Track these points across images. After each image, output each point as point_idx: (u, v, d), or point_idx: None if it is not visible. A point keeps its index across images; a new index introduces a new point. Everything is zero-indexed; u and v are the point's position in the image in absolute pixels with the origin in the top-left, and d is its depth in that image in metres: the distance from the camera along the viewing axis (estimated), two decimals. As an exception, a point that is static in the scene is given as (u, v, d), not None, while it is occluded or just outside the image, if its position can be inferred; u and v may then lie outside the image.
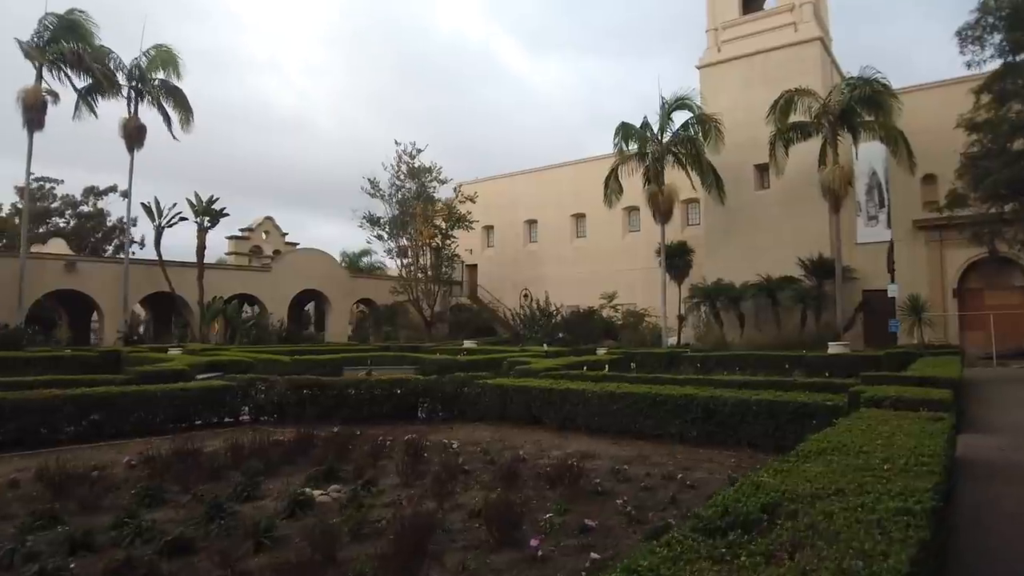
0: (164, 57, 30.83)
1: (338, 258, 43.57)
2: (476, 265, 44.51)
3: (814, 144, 25.23)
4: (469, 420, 12.28)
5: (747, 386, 10.86)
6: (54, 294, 30.24)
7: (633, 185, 29.66)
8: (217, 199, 31.41)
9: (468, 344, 29.61)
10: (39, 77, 27.84)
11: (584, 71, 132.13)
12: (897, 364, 15.70)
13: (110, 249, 48.41)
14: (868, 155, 25.75)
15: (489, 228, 43.82)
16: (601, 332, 31.27)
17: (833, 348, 19.75)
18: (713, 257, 29.98)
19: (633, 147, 28.37)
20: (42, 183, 46.81)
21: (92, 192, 50.85)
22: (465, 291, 44.48)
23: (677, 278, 30.22)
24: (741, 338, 26.76)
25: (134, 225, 34.15)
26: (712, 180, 27.58)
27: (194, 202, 31.05)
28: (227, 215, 32.17)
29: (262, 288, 35.47)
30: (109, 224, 49.80)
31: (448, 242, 37.62)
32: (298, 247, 41.48)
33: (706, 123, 26.75)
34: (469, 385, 12.74)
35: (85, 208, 50.30)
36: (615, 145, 28.34)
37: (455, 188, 37.19)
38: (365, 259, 51.57)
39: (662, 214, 27.31)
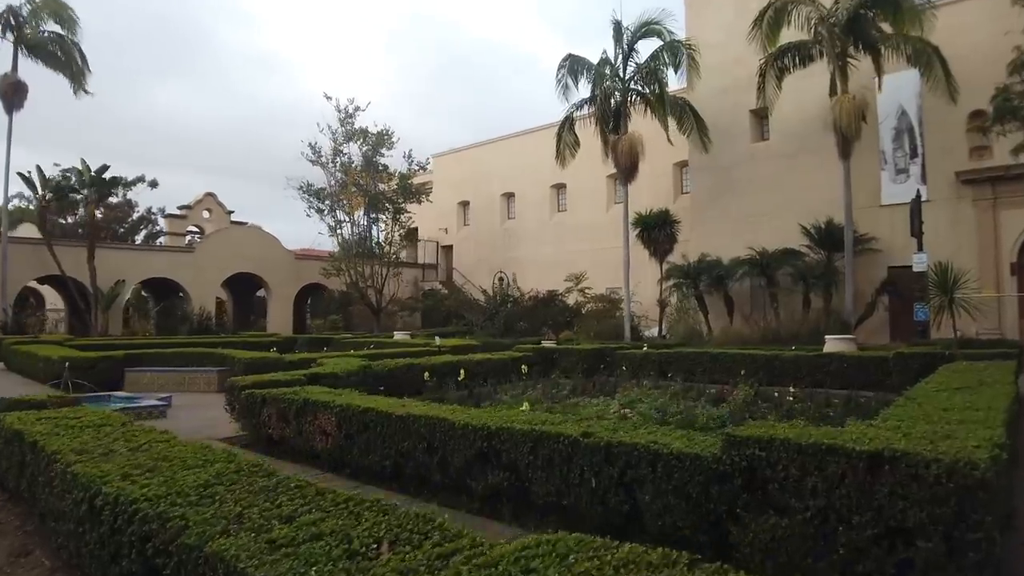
0: (52, 7, 26.23)
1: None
2: (451, 246, 39.40)
3: (822, 79, 19.11)
4: None
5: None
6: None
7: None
8: (108, 167, 26.66)
9: (398, 336, 24.58)
10: None
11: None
12: (914, 371, 9.96)
13: (139, 239, 44.91)
14: (896, 89, 19.51)
15: (465, 204, 38.66)
16: (564, 320, 25.70)
17: (831, 344, 13.92)
18: (699, 228, 24.07)
19: (584, 88, 22.48)
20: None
21: (121, 183, 48.30)
22: (443, 274, 39.44)
23: (659, 255, 24.35)
24: (730, 328, 20.79)
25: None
26: (692, 124, 21.60)
27: (81, 170, 26.34)
28: (116, 186, 27.35)
29: (184, 272, 30.76)
30: (136, 215, 46.74)
31: (402, 217, 32.34)
32: (231, 225, 36.73)
33: (677, 51, 20.75)
34: None
35: (114, 199, 48.45)
36: (558, 82, 22.44)
37: (405, 154, 31.76)
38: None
39: (623, 169, 21.48)
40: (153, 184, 50.65)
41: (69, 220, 45.39)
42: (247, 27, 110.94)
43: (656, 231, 24.07)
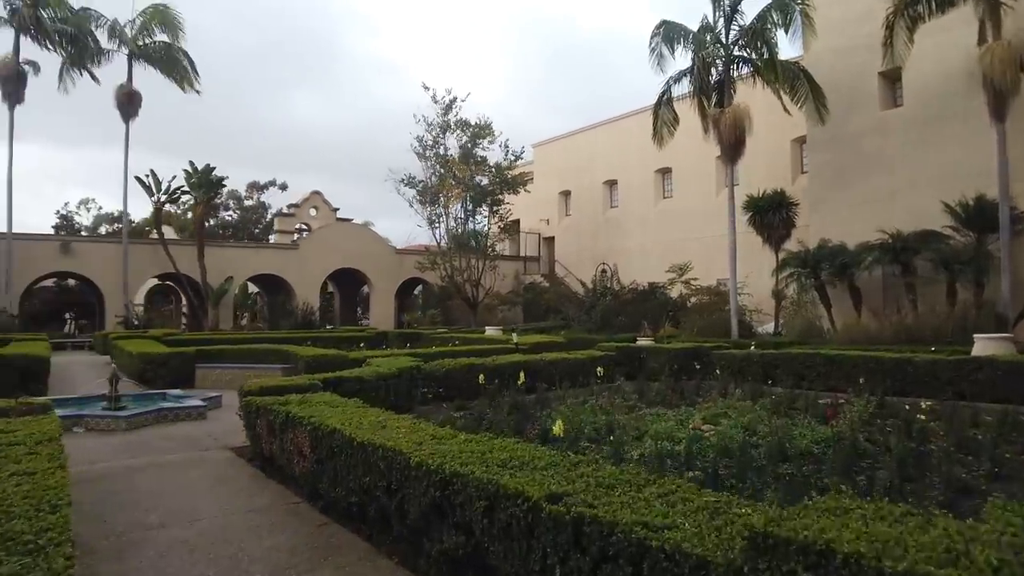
0: (160, 16, 27.42)
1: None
2: (553, 238, 38.07)
3: (966, 31, 15.92)
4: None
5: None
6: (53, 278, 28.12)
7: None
8: (215, 168, 27.53)
9: (490, 331, 23.60)
10: (16, 48, 25.34)
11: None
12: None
13: (273, 239, 48.22)
14: (1070, 32, 15.88)
15: (566, 194, 37.17)
16: (666, 314, 23.63)
17: (981, 345, 11.26)
18: (819, 210, 21.16)
19: (682, 58, 20.21)
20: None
21: (254, 187, 54.06)
22: (544, 267, 38.27)
23: (773, 242, 21.73)
24: (857, 324, 17.95)
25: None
26: (807, 92, 18.85)
27: (190, 171, 27.37)
28: (224, 185, 28.32)
29: (289, 268, 31.47)
30: (269, 216, 50.31)
31: (500, 208, 31.37)
32: (333, 221, 37.27)
33: (788, 8, 18.09)
34: None
35: (249, 202, 52.89)
36: (651, 51, 20.22)
37: (502, 144, 30.66)
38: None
39: (727, 147, 19.09)
40: (283, 187, 53.76)
41: (211, 222, 48.65)
42: (370, 35, 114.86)
43: (770, 215, 21.46)
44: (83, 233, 45.16)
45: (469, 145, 29.81)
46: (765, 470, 6.03)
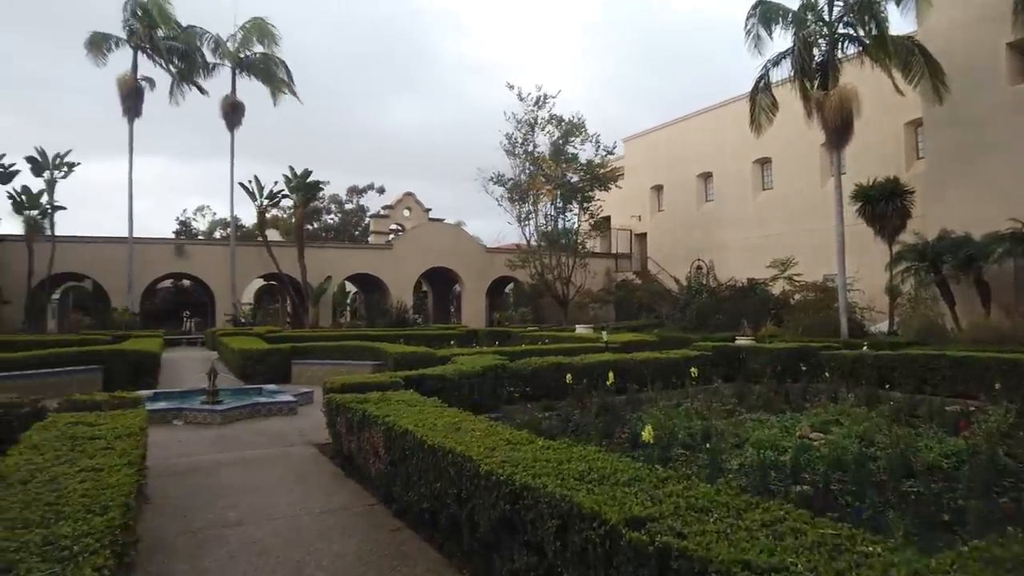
0: (258, 29, 28.70)
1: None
2: (645, 234, 37.11)
3: None
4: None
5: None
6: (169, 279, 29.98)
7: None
8: (312, 172, 28.52)
9: (580, 330, 23.17)
10: (134, 65, 27.16)
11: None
12: None
13: (370, 240, 50.53)
14: None
15: (658, 188, 36.11)
16: (767, 313, 22.37)
17: None
18: (937, 197, 19.35)
19: (782, 38, 18.91)
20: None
21: (353, 190, 56.45)
22: (636, 264, 37.38)
23: (887, 234, 20.07)
24: (986, 322, 16.23)
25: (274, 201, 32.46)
26: (922, 69, 17.21)
27: (289, 176, 28.46)
28: (322, 189, 29.31)
29: (384, 268, 32.20)
30: (367, 219, 52.50)
31: (590, 205, 30.79)
32: (425, 221, 37.76)
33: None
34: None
35: (349, 205, 55.68)
36: (747, 34, 18.99)
37: (592, 138, 30.04)
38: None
39: (833, 131, 17.72)
40: (381, 190, 55.48)
41: (314, 225, 50.93)
42: (462, 37, 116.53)
43: (882, 205, 19.78)
44: (200, 238, 48.11)
45: (560, 142, 29.38)
46: (886, 487, 5.33)
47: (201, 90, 28.95)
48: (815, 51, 18.62)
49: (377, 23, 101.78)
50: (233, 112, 28.55)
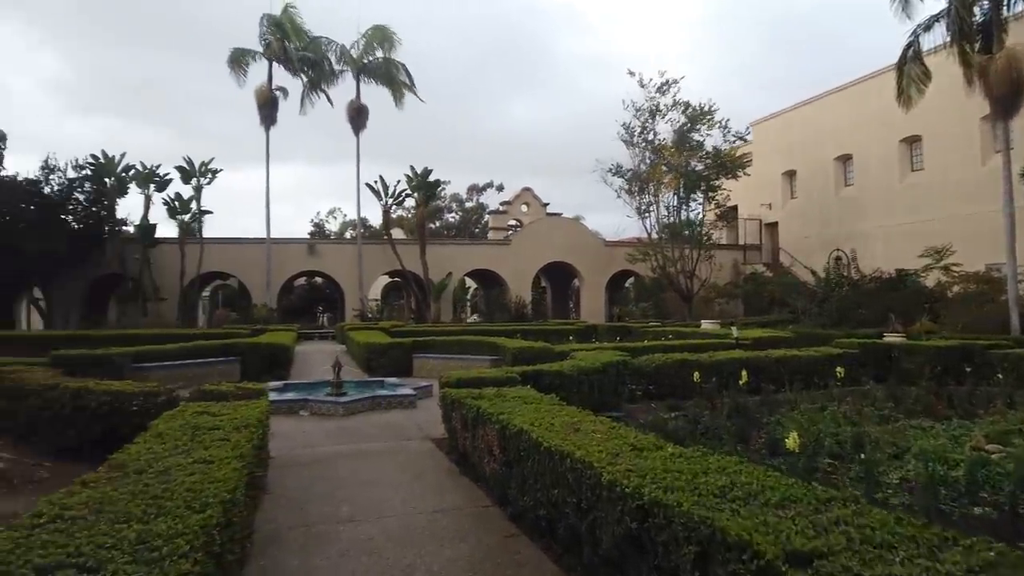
0: (380, 35, 29.65)
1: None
2: (776, 223, 34.95)
3: None
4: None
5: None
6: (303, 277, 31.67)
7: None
8: (432, 171, 29.07)
9: (706, 325, 22.15)
10: (269, 77, 28.88)
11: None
12: None
13: (489, 236, 52.17)
14: None
15: (790, 174, 33.88)
16: (919, 307, 20.23)
17: None
18: None
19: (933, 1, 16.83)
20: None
21: (473, 189, 58.43)
22: (767, 256, 35.35)
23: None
24: None
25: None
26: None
27: (411, 176, 29.19)
28: (442, 188, 29.86)
29: (502, 263, 32.36)
30: (486, 217, 54.06)
31: (716, 194, 29.33)
32: (543, 216, 37.48)
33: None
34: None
35: (469, 204, 57.57)
36: None
37: (721, 123, 28.53)
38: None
39: (999, 100, 15.58)
40: (500, 188, 56.27)
41: (436, 224, 52.40)
42: (579, 32, 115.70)
43: (1063, 183, 17.29)
44: (332, 238, 50.79)
45: (685, 129, 28.13)
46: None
47: (328, 98, 30.32)
48: (975, 9, 16.48)
49: (494, 23, 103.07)
50: (358, 116, 29.67)
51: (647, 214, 29.32)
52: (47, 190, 25.60)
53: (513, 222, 39.85)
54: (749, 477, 3.04)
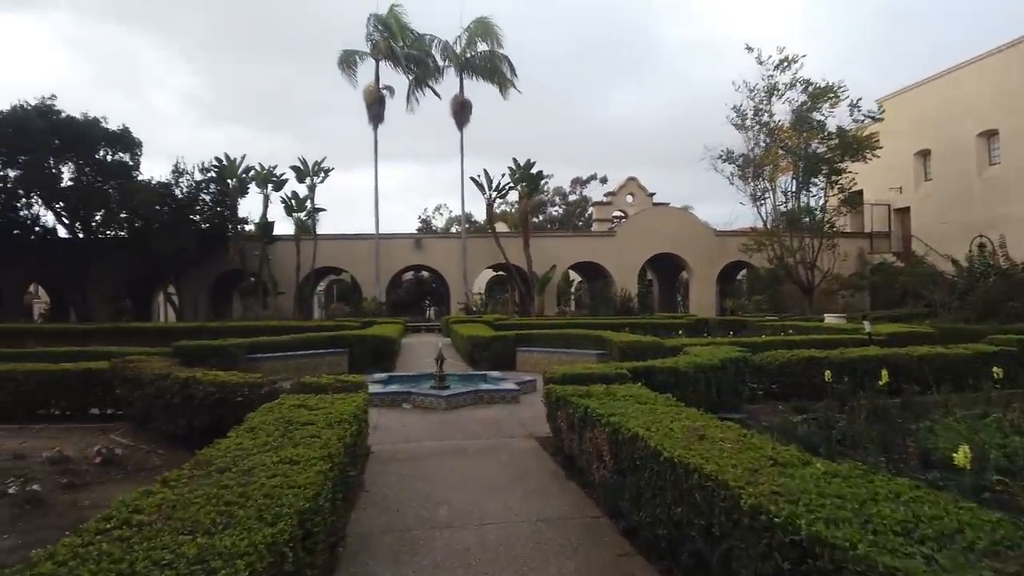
0: (483, 28, 29.59)
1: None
2: (907, 208, 32.09)
3: None
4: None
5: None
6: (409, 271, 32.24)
7: None
8: (535, 163, 28.71)
9: (830, 319, 20.58)
10: (376, 76, 29.56)
11: None
12: None
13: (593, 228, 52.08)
14: None
15: (924, 154, 30.97)
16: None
17: None
18: None
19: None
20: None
21: (577, 182, 58.30)
22: (896, 244, 32.56)
23: None
24: None
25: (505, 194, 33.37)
26: None
27: (513, 168, 28.97)
28: (545, 181, 29.48)
29: (607, 255, 31.58)
30: (590, 209, 53.89)
31: (840, 179, 27.18)
32: (649, 207, 36.15)
33: None
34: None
35: (572, 197, 57.68)
36: None
37: (852, 101, 26.30)
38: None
39: None
40: (603, 180, 55.38)
41: (539, 217, 52.29)
42: (683, 19, 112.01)
43: None
44: (437, 233, 51.75)
45: (804, 108, 26.19)
46: None
47: (435, 91, 30.63)
48: None
49: (594, 14, 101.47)
50: (461, 111, 29.78)
51: (762, 201, 27.61)
52: (177, 192, 27.37)
53: (618, 213, 38.83)
54: (935, 508, 2.38)
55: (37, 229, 27.05)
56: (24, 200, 26.18)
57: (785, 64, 26.21)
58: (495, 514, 4.70)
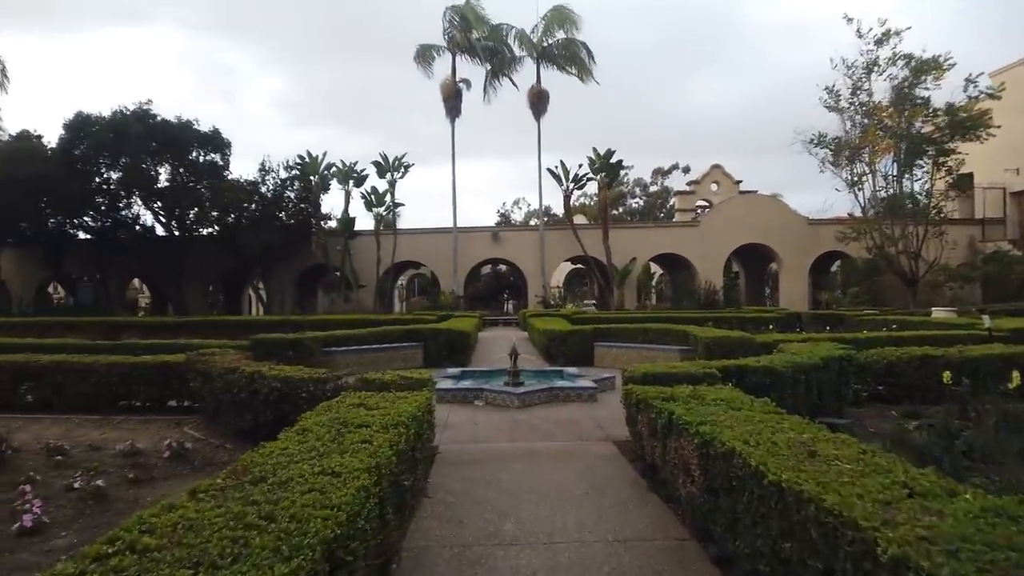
0: (559, 15, 29.00)
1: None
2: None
3: None
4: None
5: None
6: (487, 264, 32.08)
7: None
8: (614, 152, 27.87)
9: (938, 313, 18.96)
10: (453, 69, 29.49)
11: None
12: None
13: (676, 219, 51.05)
14: None
15: (1044, 131, 28.03)
16: None
17: None
18: None
19: None
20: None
21: (658, 172, 57.15)
22: (1013, 231, 29.80)
23: None
24: None
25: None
26: None
27: (593, 158, 28.24)
28: (625, 172, 28.58)
29: (690, 246, 30.38)
30: (672, 200, 52.76)
31: (948, 160, 25.03)
32: (735, 195, 34.47)
33: None
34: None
35: (654, 187, 56.69)
36: None
37: (969, 76, 24.09)
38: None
39: None
40: (686, 170, 53.72)
41: (619, 210, 51.20)
42: (767, 2, 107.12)
43: None
44: (515, 225, 51.54)
45: (906, 85, 24.19)
46: None
47: (513, 81, 30.31)
48: None
49: (673, 2, 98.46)
50: (539, 101, 29.32)
51: (859, 187, 25.73)
52: (263, 190, 28.22)
53: (701, 203, 37.35)
54: None
55: (137, 228, 28.54)
56: (125, 200, 27.64)
57: (886, 37, 24.30)
58: (567, 531, 4.22)
